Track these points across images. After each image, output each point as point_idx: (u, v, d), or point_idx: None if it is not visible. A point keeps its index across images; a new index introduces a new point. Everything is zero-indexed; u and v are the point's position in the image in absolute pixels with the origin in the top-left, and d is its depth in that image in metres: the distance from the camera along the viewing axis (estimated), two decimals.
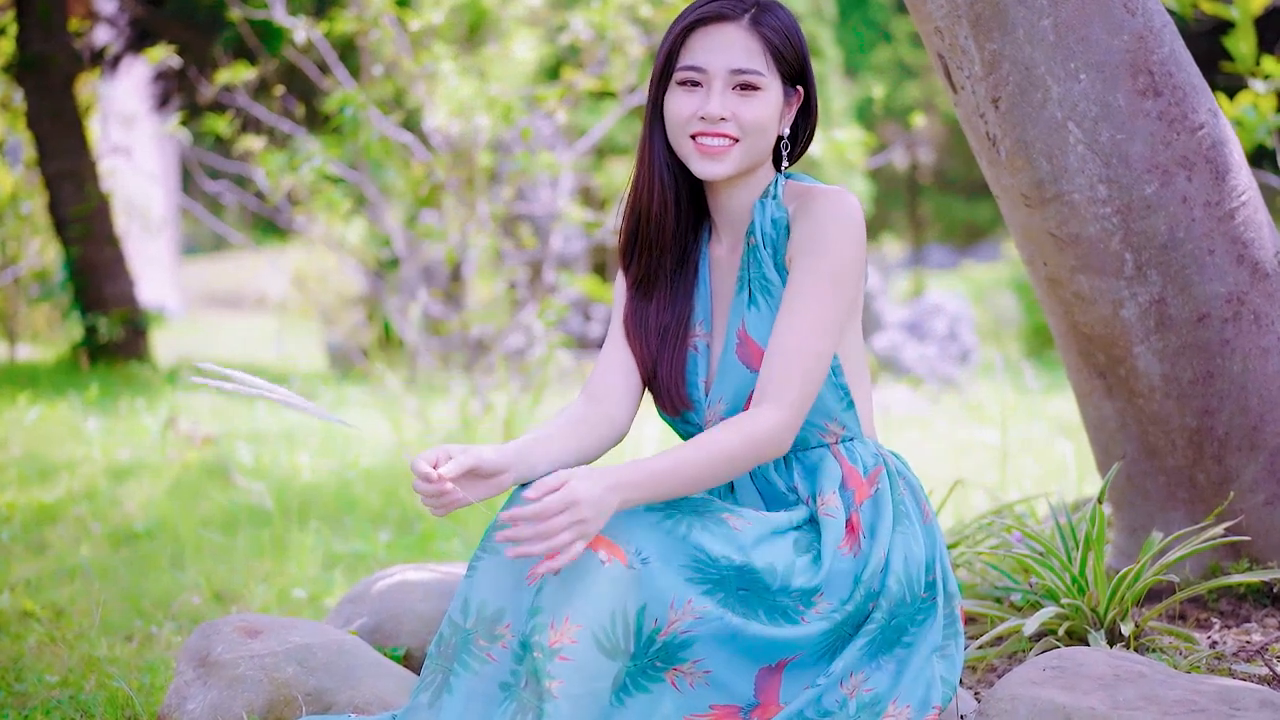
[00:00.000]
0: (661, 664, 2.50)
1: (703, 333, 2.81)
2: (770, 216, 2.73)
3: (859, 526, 2.67)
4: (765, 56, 2.67)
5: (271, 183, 8.10)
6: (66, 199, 11.28)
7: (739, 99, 2.67)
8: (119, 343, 11.24)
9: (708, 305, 2.82)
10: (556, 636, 2.41)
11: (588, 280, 10.36)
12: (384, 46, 8.07)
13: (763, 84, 2.67)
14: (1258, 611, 3.32)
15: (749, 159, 2.71)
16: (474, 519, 5.64)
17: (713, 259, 2.84)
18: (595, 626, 2.43)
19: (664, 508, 2.55)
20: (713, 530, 2.56)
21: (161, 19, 12.35)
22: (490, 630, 2.54)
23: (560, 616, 2.43)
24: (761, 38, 2.67)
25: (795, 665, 2.57)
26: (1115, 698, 2.43)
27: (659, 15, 8.30)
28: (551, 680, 2.39)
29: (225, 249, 25.38)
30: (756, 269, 2.74)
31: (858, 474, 2.73)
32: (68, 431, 7.37)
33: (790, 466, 2.75)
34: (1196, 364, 3.31)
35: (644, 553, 2.49)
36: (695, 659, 2.51)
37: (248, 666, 2.96)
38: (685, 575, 2.51)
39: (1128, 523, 3.57)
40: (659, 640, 2.49)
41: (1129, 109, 3.20)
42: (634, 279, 2.84)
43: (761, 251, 2.73)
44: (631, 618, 2.47)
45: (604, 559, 2.46)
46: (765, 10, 2.69)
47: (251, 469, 6.58)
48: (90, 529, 5.34)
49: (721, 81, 2.66)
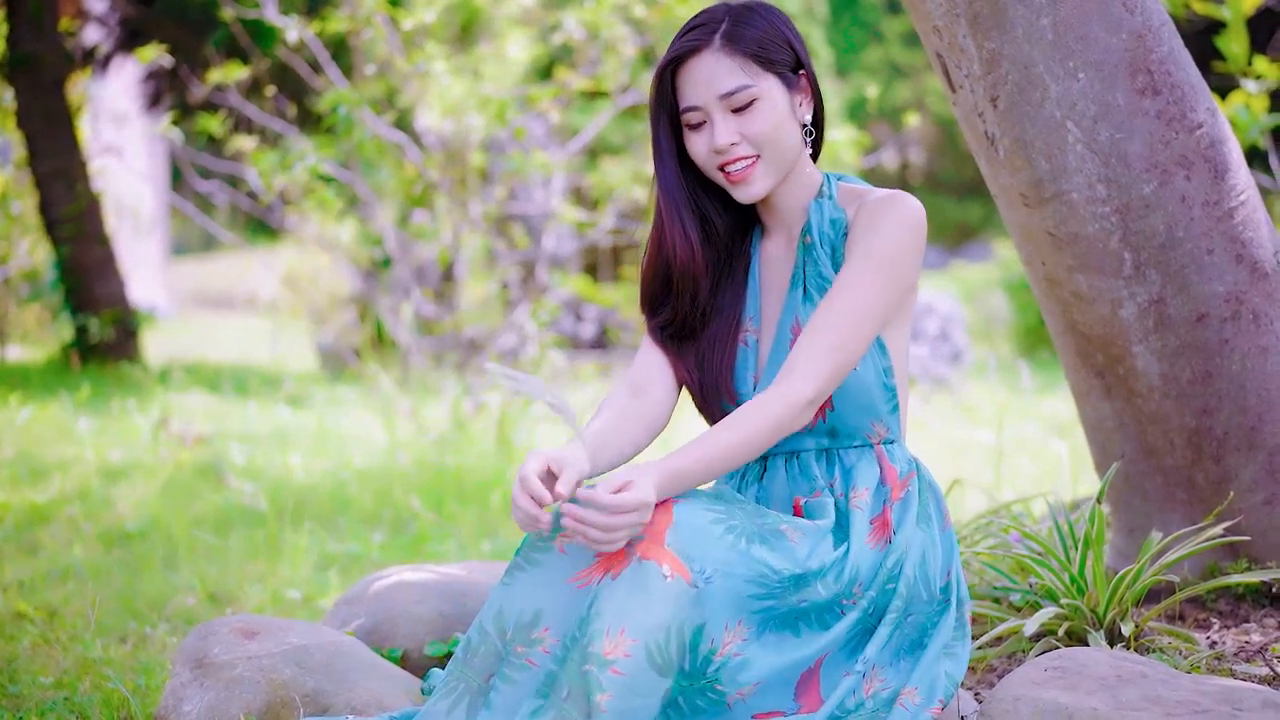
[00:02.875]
0: (725, 687, 2.49)
1: (753, 328, 2.83)
2: (829, 217, 2.76)
3: (889, 524, 2.69)
4: (748, 65, 2.67)
5: (264, 183, 8.08)
6: (57, 199, 11.24)
7: (740, 119, 2.68)
8: (110, 343, 11.21)
9: (757, 301, 2.84)
10: (611, 648, 2.38)
11: (579, 280, 10.35)
12: (376, 46, 8.05)
13: (756, 93, 2.67)
14: (1256, 611, 3.32)
15: (778, 166, 2.72)
16: (467, 520, 5.62)
17: (764, 256, 2.86)
18: (650, 641, 2.40)
19: (726, 521, 2.53)
20: (773, 544, 2.56)
21: (152, 18, 12.31)
22: (528, 635, 2.51)
23: (617, 627, 2.39)
24: (737, 52, 2.67)
25: (829, 660, 2.59)
26: (1118, 698, 2.43)
27: (652, 15, 8.30)
28: (602, 693, 2.36)
29: (214, 249, 25.32)
30: (813, 267, 2.76)
31: (895, 475, 2.75)
32: (59, 432, 7.35)
33: (832, 462, 2.76)
34: (1195, 364, 3.31)
35: (708, 571, 2.47)
36: (756, 680, 2.51)
37: (245, 668, 2.94)
38: (748, 591, 2.50)
39: (1126, 523, 3.56)
40: (715, 661, 2.48)
41: (1128, 108, 3.19)
42: (665, 325, 2.85)
43: (819, 250, 2.75)
44: (688, 636, 2.44)
45: (667, 574, 2.43)
46: (736, 21, 2.70)
47: (244, 469, 6.56)
48: (83, 529, 5.32)
49: (717, 111, 2.68)
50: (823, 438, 2.76)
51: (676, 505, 2.50)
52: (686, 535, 2.48)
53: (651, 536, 2.46)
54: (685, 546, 2.47)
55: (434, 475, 6.27)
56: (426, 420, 7.48)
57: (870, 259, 2.66)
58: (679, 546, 2.46)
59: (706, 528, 2.50)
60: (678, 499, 2.52)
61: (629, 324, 11.37)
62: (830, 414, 2.73)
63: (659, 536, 2.46)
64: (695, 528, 2.49)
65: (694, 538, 2.48)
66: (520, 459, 6.72)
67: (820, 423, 2.74)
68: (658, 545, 2.45)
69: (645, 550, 2.45)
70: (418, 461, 6.60)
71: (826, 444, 2.76)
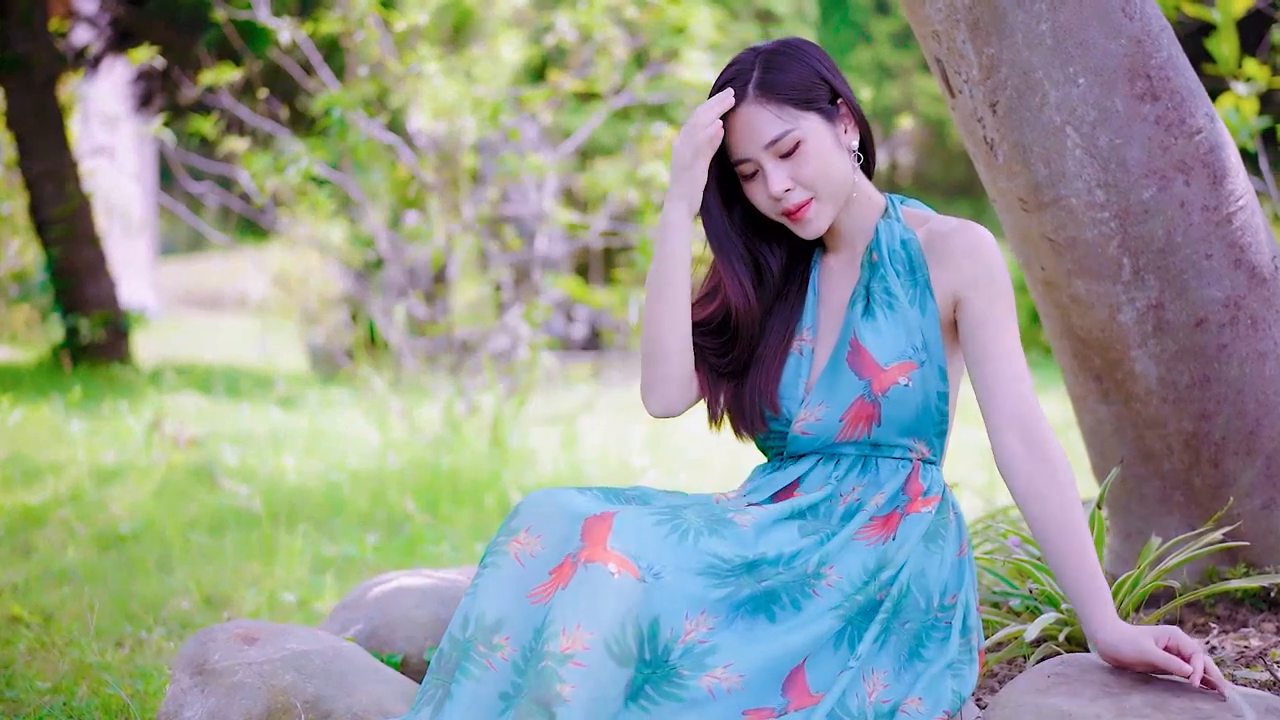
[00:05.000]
0: (690, 671, 2.49)
1: (809, 338, 2.85)
2: (899, 237, 2.80)
3: (893, 526, 2.71)
4: (784, 110, 2.72)
5: (257, 185, 8.06)
6: (47, 200, 11.22)
7: (790, 164, 2.73)
8: (100, 344, 11.19)
9: (815, 312, 2.87)
10: (568, 643, 2.40)
11: (571, 282, 10.35)
12: (369, 47, 8.04)
13: (799, 135, 2.71)
14: (1255, 616, 3.32)
15: (834, 200, 2.77)
16: (462, 523, 5.62)
17: (824, 268, 2.90)
18: (606, 634, 2.42)
19: (670, 522, 2.56)
20: (721, 533, 2.59)
21: (143, 19, 12.29)
22: (489, 639, 2.52)
23: (573, 625, 2.42)
24: (774, 99, 2.72)
25: (815, 656, 2.58)
26: (1121, 705, 2.43)
27: (644, 16, 8.30)
28: (563, 684, 2.38)
29: (202, 249, 25.28)
30: (880, 284, 2.78)
31: (919, 490, 2.76)
32: (51, 434, 7.34)
33: (866, 469, 2.78)
34: (1194, 368, 3.31)
35: (655, 567, 2.50)
36: (726, 663, 2.51)
37: (245, 674, 2.94)
38: (701, 582, 2.52)
39: (1123, 527, 3.57)
40: (678, 647, 2.49)
41: (1127, 113, 3.19)
42: (725, 369, 2.90)
43: (887, 267, 2.78)
44: (644, 627, 2.46)
45: (614, 571, 2.45)
46: (766, 68, 2.74)
47: (237, 471, 6.56)
48: (76, 532, 5.31)
49: (767, 160, 2.73)
50: (865, 447, 2.78)
51: (616, 515, 2.53)
52: (628, 536, 2.50)
53: (592, 542, 2.49)
54: (628, 546, 2.49)
55: (428, 477, 6.27)
56: (419, 422, 7.47)
57: (1002, 310, 2.73)
58: (621, 547, 2.49)
59: (649, 529, 2.53)
60: (617, 509, 2.54)
61: (621, 325, 11.37)
62: (876, 428, 2.75)
63: (600, 541, 2.49)
64: (637, 530, 2.52)
65: (637, 537, 2.51)
66: (514, 463, 6.72)
67: (865, 436, 2.76)
68: (600, 548, 2.48)
69: (589, 555, 2.47)
70: (411, 463, 6.60)
71: (867, 452, 2.78)
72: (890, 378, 2.72)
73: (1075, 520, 2.59)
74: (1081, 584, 2.57)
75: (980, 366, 2.70)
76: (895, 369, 2.72)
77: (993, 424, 2.68)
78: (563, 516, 2.55)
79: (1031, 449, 2.63)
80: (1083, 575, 2.57)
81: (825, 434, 2.77)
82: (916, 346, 2.74)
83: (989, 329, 2.71)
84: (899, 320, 2.75)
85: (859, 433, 2.75)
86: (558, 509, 2.56)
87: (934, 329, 2.75)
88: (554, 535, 2.54)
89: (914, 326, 2.74)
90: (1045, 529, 2.60)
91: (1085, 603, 2.56)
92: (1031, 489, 2.62)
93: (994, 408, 2.68)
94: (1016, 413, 2.66)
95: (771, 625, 2.58)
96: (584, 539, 2.50)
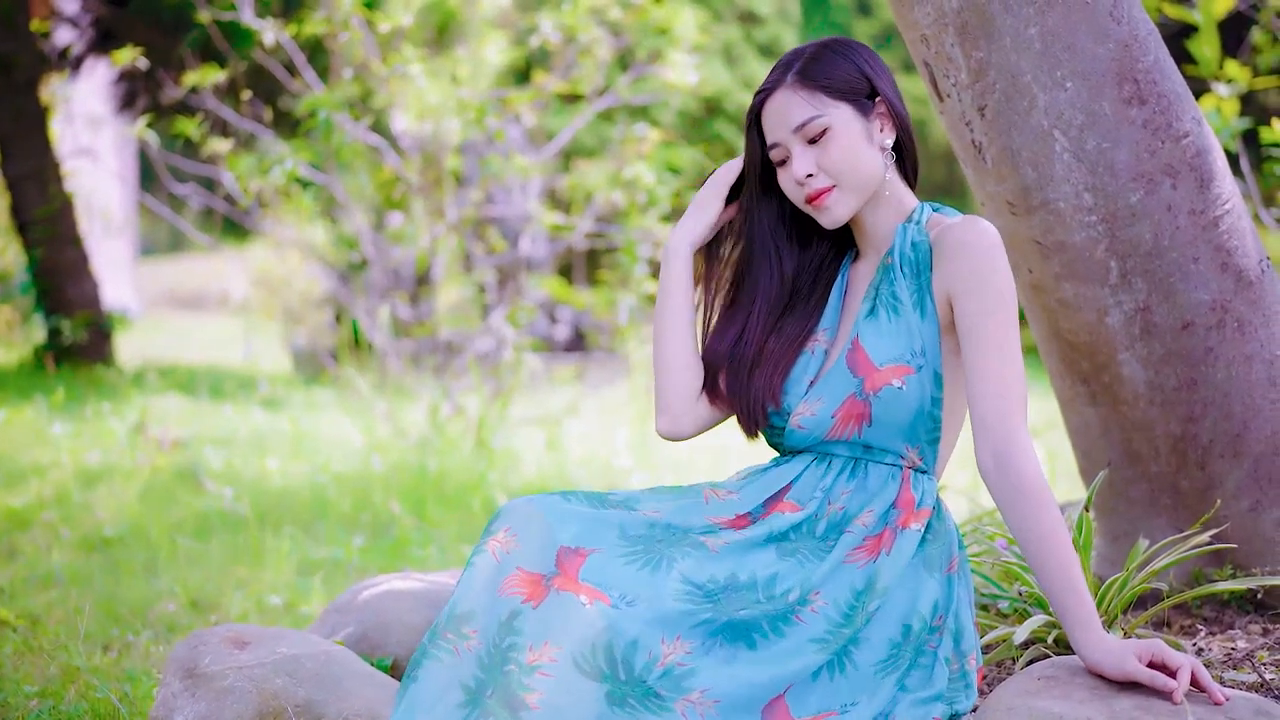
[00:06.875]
0: (668, 693, 2.48)
1: (825, 339, 2.88)
2: (911, 240, 2.80)
3: (885, 544, 2.69)
4: (816, 96, 2.74)
5: (241, 186, 8.05)
6: (29, 201, 11.19)
7: (816, 150, 2.75)
8: (83, 345, 11.16)
9: (835, 316, 2.90)
10: (535, 656, 2.41)
11: (554, 282, 10.35)
12: (353, 49, 8.03)
13: (827, 123, 2.74)
14: (1241, 618, 3.33)
15: (857, 192, 2.78)
16: (448, 525, 5.62)
17: (852, 276, 2.93)
18: (574, 651, 2.42)
19: (643, 557, 2.58)
20: (694, 556, 2.60)
21: (125, 20, 12.25)
22: (459, 628, 2.52)
23: (540, 642, 2.43)
24: (807, 85, 2.75)
25: (798, 687, 2.56)
26: (1111, 707, 2.43)
27: (628, 17, 8.30)
28: (529, 693, 2.38)
29: (183, 249, 25.22)
30: (888, 286, 2.79)
31: (911, 502, 2.75)
32: (34, 436, 7.32)
33: (856, 473, 2.78)
34: (1180, 371, 3.32)
35: (629, 596, 2.50)
36: (702, 688, 2.49)
37: (236, 678, 2.93)
38: (677, 607, 2.52)
39: (1110, 529, 3.58)
40: (657, 669, 2.48)
41: (1115, 117, 3.20)
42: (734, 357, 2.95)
43: (897, 270, 2.78)
44: (618, 651, 2.45)
45: (585, 602, 2.46)
46: (810, 59, 2.78)
47: (221, 473, 6.54)
48: (61, 535, 5.30)
49: (795, 144, 2.76)
50: (856, 448, 2.77)
51: (591, 554, 2.54)
52: (600, 570, 2.52)
53: (566, 574, 2.50)
54: (600, 578, 2.51)
55: (413, 479, 6.27)
56: (404, 424, 7.47)
57: (996, 314, 2.68)
58: (594, 579, 2.51)
59: (620, 564, 2.55)
60: (591, 549, 2.55)
61: (604, 326, 11.36)
62: (868, 429, 2.74)
63: (573, 573, 2.51)
64: (608, 563, 2.54)
65: (608, 570, 2.53)
66: (499, 464, 6.72)
67: (856, 436, 2.75)
68: (572, 581, 2.49)
69: (562, 585, 2.49)
70: (396, 465, 6.60)
71: (859, 454, 2.77)
72: (883, 378, 2.71)
73: (1055, 540, 2.57)
74: (1063, 602, 2.56)
75: (967, 374, 2.69)
76: (889, 370, 2.72)
77: (975, 438, 2.68)
78: (542, 526, 2.56)
79: (1006, 475, 2.61)
80: (1067, 595, 2.55)
81: (818, 430, 2.77)
82: (915, 351, 2.73)
83: (974, 338, 2.67)
84: (901, 323, 2.75)
85: (850, 432, 2.75)
86: (537, 519, 2.57)
87: (933, 332, 2.74)
88: (531, 540, 2.54)
89: (915, 331, 2.74)
90: (1025, 548, 2.60)
91: (1069, 622, 2.56)
92: (1010, 510, 2.61)
93: (974, 422, 2.67)
94: (993, 434, 2.63)
95: (752, 652, 2.56)
96: (558, 566, 2.51)
